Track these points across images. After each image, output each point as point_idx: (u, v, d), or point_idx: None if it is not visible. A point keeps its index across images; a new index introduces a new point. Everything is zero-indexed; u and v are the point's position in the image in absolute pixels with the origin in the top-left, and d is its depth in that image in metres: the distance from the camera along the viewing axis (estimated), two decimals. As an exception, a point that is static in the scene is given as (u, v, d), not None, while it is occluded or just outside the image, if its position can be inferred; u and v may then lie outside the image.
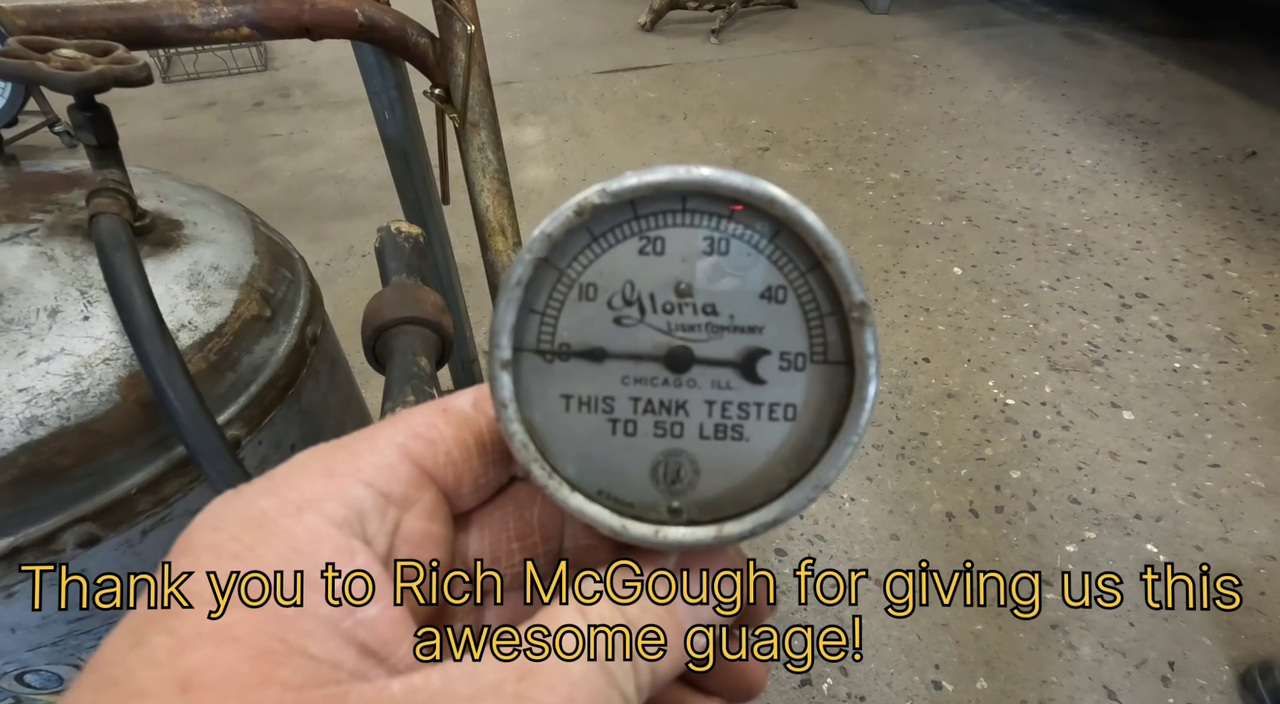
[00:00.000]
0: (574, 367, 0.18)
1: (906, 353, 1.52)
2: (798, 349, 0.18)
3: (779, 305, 0.18)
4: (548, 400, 0.18)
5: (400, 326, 0.39)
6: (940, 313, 1.62)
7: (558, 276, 0.18)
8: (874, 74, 2.75)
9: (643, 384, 0.18)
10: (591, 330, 0.18)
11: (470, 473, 0.19)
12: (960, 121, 2.38)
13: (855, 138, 2.31)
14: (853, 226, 1.90)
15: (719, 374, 0.18)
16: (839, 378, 0.18)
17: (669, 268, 0.18)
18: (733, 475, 0.18)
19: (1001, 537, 1.17)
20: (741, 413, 0.18)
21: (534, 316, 0.18)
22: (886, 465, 1.29)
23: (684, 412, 0.18)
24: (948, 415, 1.38)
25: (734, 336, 0.18)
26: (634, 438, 0.18)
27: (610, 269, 0.18)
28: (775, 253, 0.18)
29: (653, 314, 0.18)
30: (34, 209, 0.38)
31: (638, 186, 0.17)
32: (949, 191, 2.03)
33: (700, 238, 0.18)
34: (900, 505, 1.23)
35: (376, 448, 0.18)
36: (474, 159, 0.51)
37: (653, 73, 2.74)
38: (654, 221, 0.18)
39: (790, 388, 0.18)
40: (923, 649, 1.03)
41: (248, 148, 2.27)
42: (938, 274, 1.73)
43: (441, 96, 0.52)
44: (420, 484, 0.18)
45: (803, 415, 0.18)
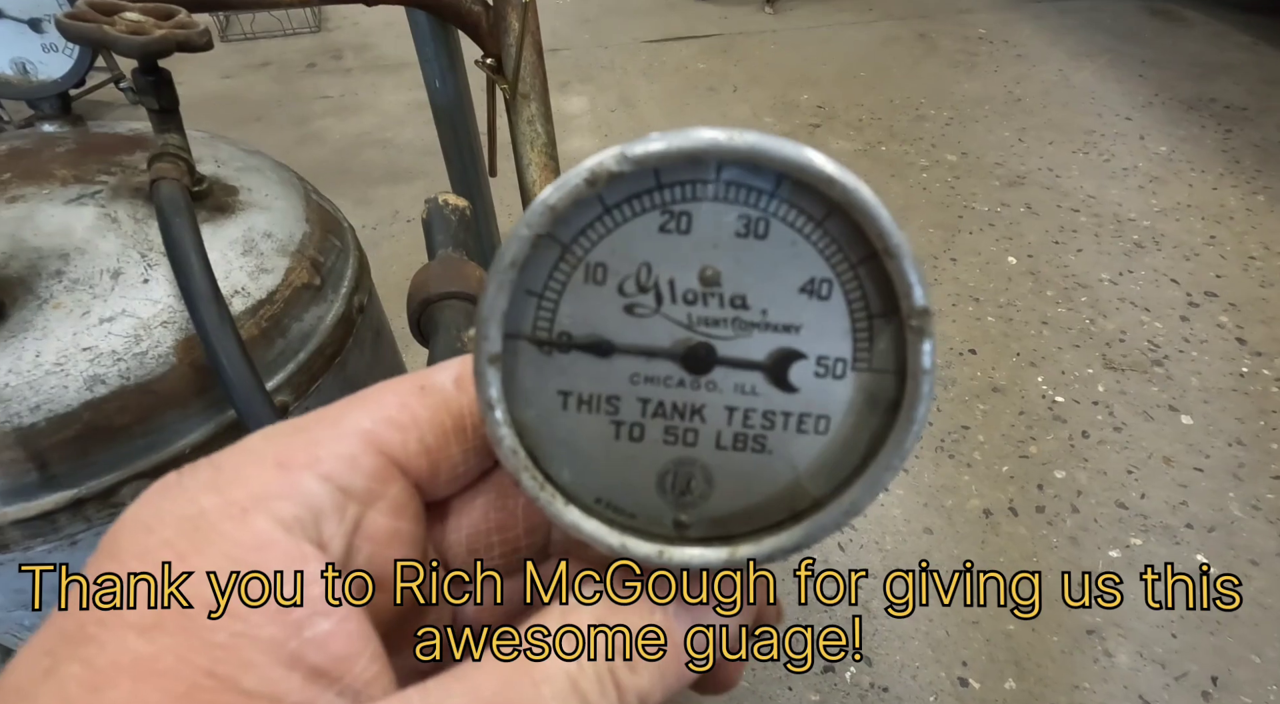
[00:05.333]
0: (575, 360, 0.16)
1: (952, 343, 1.47)
2: (839, 354, 0.16)
3: (821, 302, 0.15)
4: (543, 396, 0.16)
5: (445, 301, 0.39)
6: (991, 303, 1.56)
7: (561, 253, 0.15)
8: (935, 49, 2.62)
9: (654, 384, 0.16)
10: (598, 319, 0.15)
11: (447, 461, 0.17)
12: (1025, 102, 2.26)
13: (911, 116, 2.22)
14: (904, 210, 1.84)
15: (744, 377, 0.16)
16: (884, 390, 0.16)
17: (694, 250, 0.15)
18: (750, 491, 0.16)
19: (1041, 537, 1.13)
20: (766, 422, 0.16)
21: (530, 299, 0.15)
22: (924, 458, 1.26)
23: (700, 418, 0.16)
24: (992, 410, 1.33)
25: (765, 335, 0.16)
26: (640, 444, 0.16)
27: (624, 248, 0.15)
28: (823, 239, 0.15)
29: (671, 304, 0.15)
30: (99, 170, 0.38)
31: (665, 153, 0.14)
32: (1008, 176, 1.94)
33: (734, 216, 0.15)
34: (936, 499, 1.20)
35: (340, 435, 0.16)
36: (523, 131, 0.50)
37: (703, 43, 2.67)
38: (680, 193, 0.15)
39: (826, 397, 0.16)
40: (950, 645, 1.02)
41: (300, 109, 2.30)
42: (990, 263, 1.66)
43: (493, 66, 0.51)
44: (387, 476, 0.16)
45: (837, 430, 0.16)
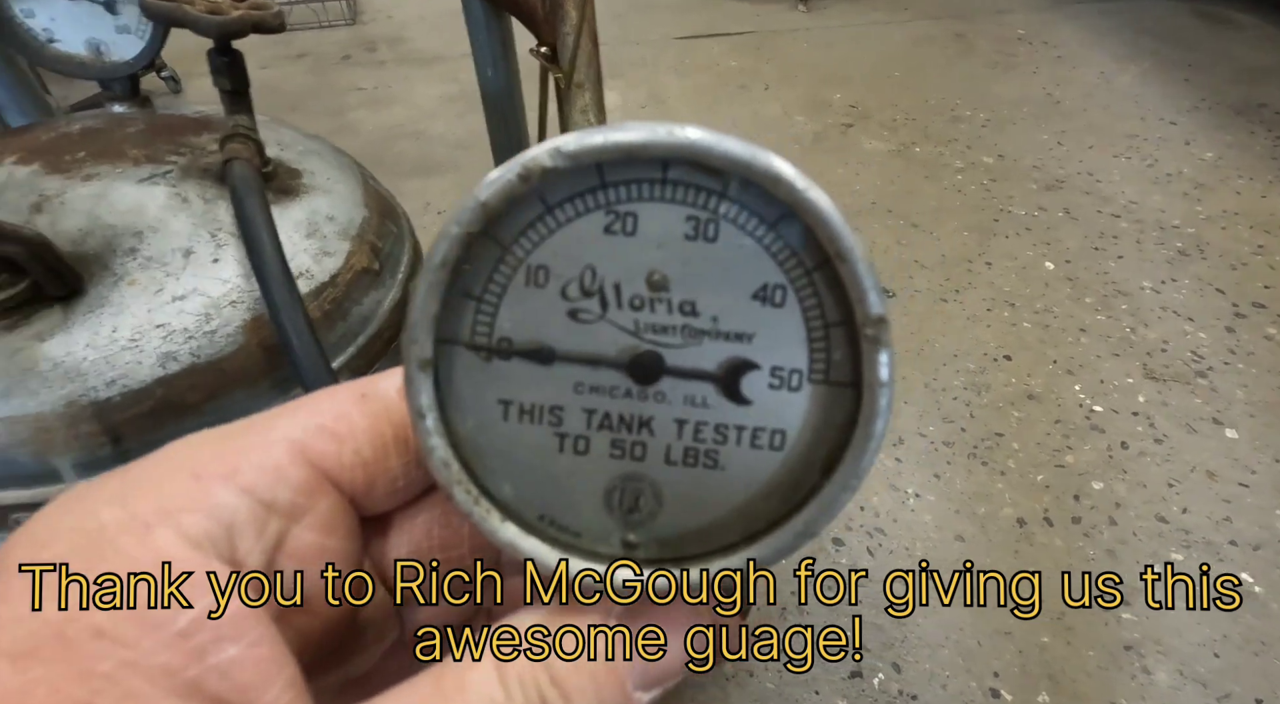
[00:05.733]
0: (516, 367, 0.15)
1: (986, 348, 1.44)
2: (794, 365, 0.15)
3: (775, 309, 0.14)
4: (482, 406, 0.15)
5: None
6: (1027, 309, 1.53)
7: (500, 254, 0.14)
8: (972, 49, 2.57)
9: (600, 394, 0.15)
10: (540, 324, 0.15)
11: (385, 474, 0.16)
12: (1065, 104, 2.21)
13: (947, 117, 2.18)
14: (937, 212, 1.81)
15: (694, 388, 0.15)
16: (841, 404, 0.15)
17: (641, 253, 0.14)
18: (702, 509, 0.15)
19: (1077, 549, 1.11)
20: (718, 436, 0.15)
21: (469, 303, 0.14)
22: (956, 464, 1.24)
23: (648, 430, 0.15)
24: (1027, 417, 1.31)
25: (716, 344, 0.15)
26: (585, 457, 0.15)
27: (567, 249, 0.14)
28: (776, 243, 0.14)
29: (617, 309, 0.14)
30: (168, 151, 0.39)
31: (603, 147, 0.13)
32: (1046, 180, 1.90)
33: (682, 217, 0.14)
34: (968, 506, 1.18)
35: (266, 444, 0.15)
36: (576, 121, 0.50)
37: (734, 40, 2.65)
38: (625, 193, 0.14)
39: (781, 411, 0.15)
40: (982, 655, 1.00)
41: (334, 100, 2.33)
42: (1027, 268, 1.63)
43: (547, 55, 0.51)
44: (316, 489, 0.15)
45: (793, 445, 0.15)
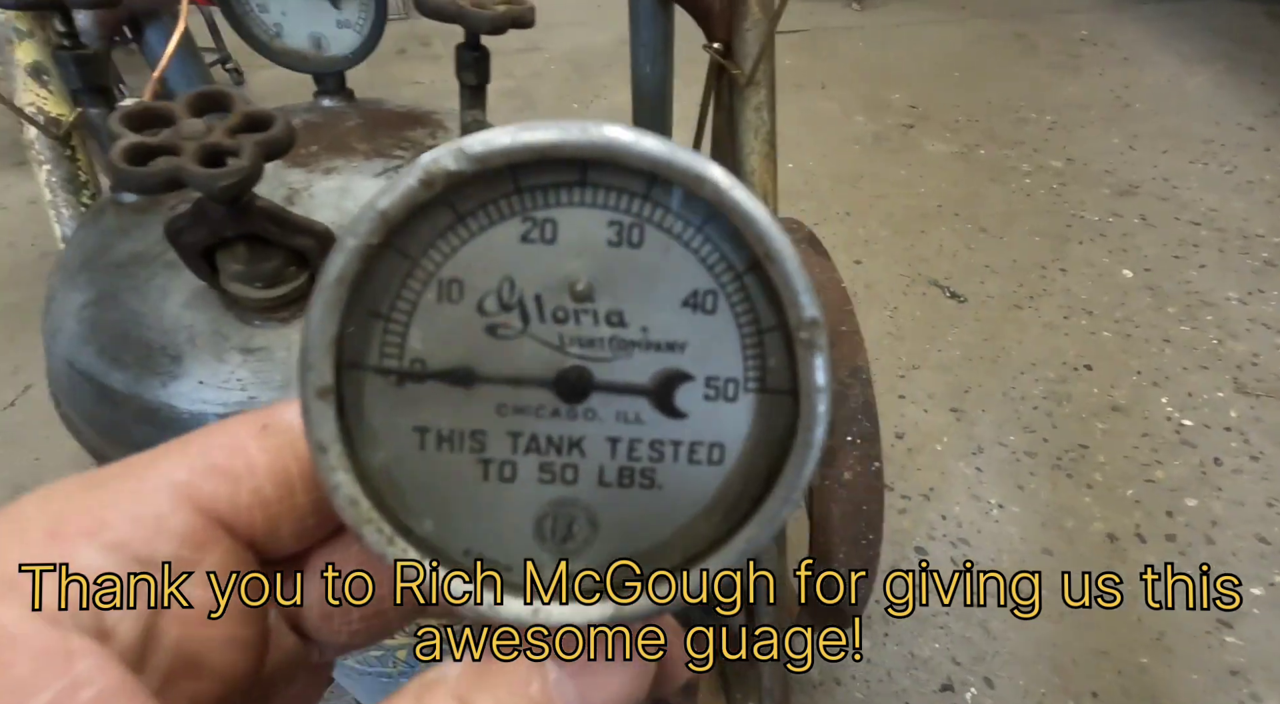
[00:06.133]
0: (432, 391, 0.13)
1: (1065, 357, 1.41)
2: (729, 374, 0.14)
3: (707, 316, 0.14)
4: (396, 435, 0.14)
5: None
6: (1106, 318, 1.49)
7: (408, 268, 0.13)
8: (1033, 49, 2.52)
9: (525, 415, 0.14)
10: (456, 343, 0.13)
11: (292, 513, 0.14)
12: (1135, 108, 2.15)
13: (1011, 119, 2.14)
14: (1006, 216, 1.77)
15: (626, 404, 0.14)
16: (780, 412, 0.14)
17: (562, 261, 0.13)
18: (640, 532, 0.14)
19: (1175, 568, 1.08)
20: (654, 453, 0.14)
21: (376, 322, 0.13)
22: (1040, 475, 1.21)
23: (579, 452, 0.14)
24: (1112, 430, 1.27)
25: (647, 355, 0.14)
26: (513, 484, 0.14)
27: (482, 260, 0.13)
28: (704, 247, 0.13)
29: (539, 323, 0.13)
30: (392, 145, 0.38)
31: (511, 148, 0.12)
32: (1119, 185, 1.85)
33: (604, 223, 0.13)
34: (1055, 519, 1.15)
35: (141, 490, 0.13)
36: (748, 119, 0.49)
37: (788, 38, 2.62)
38: (542, 198, 0.13)
39: (718, 423, 0.14)
40: (1079, 674, 0.97)
41: (391, 94, 2.33)
42: (1104, 275, 1.59)
43: (720, 50, 0.50)
44: (206, 539, 0.13)
45: (732, 459, 0.14)
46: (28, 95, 0.42)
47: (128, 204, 0.35)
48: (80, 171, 0.44)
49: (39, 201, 1.63)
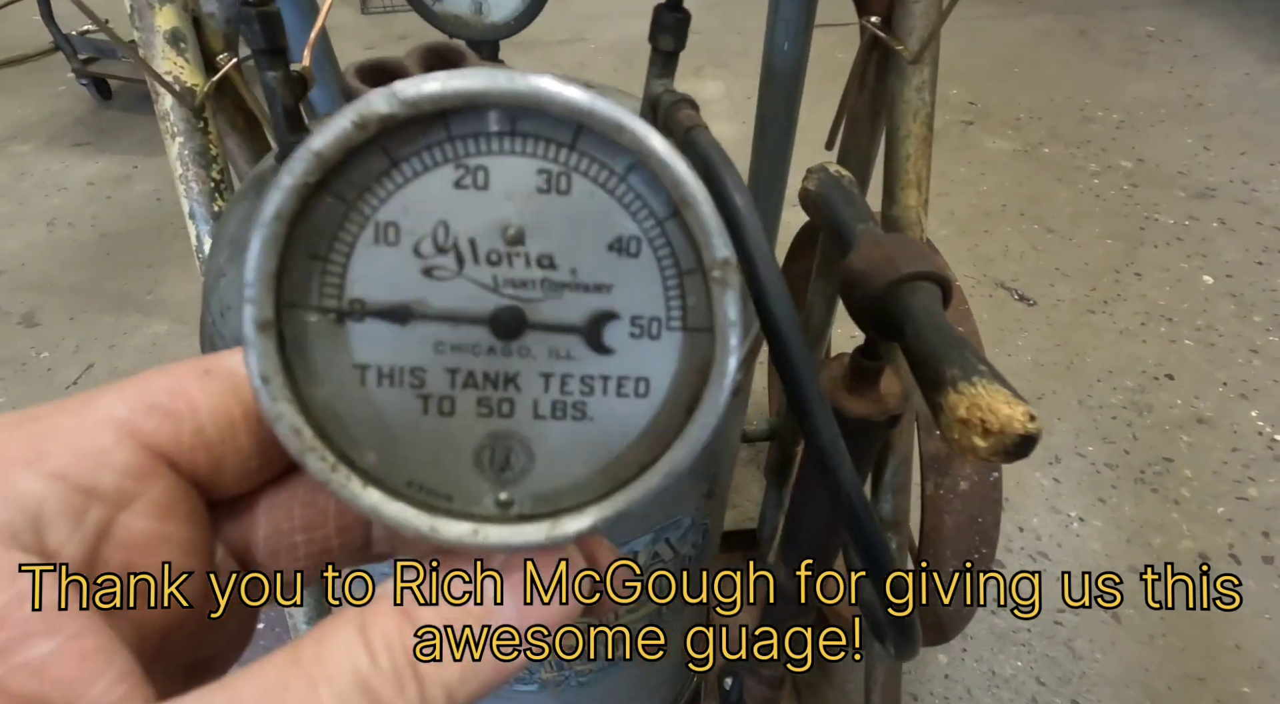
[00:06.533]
0: (372, 329, 0.14)
1: (1144, 366, 1.35)
2: (652, 313, 0.15)
3: (631, 259, 0.15)
4: (338, 373, 0.14)
5: (916, 282, 0.34)
6: (1186, 325, 1.42)
7: (345, 211, 0.14)
8: (1097, 46, 2.43)
9: (462, 352, 0.15)
10: (393, 283, 0.14)
11: (236, 453, 0.15)
12: (1208, 107, 2.07)
13: (1076, 117, 2.06)
14: (1074, 217, 1.71)
15: (558, 341, 0.15)
16: (700, 348, 0.15)
17: (494, 207, 0.14)
18: (574, 462, 0.15)
19: (1274, 592, 1.02)
20: (585, 387, 0.15)
21: (315, 263, 0.14)
22: (1122, 488, 1.16)
23: (514, 386, 0.15)
24: (1198, 443, 1.21)
25: (576, 296, 0.15)
26: (452, 418, 0.15)
27: (417, 204, 0.14)
28: (628, 195, 0.14)
29: (474, 265, 0.14)
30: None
31: (441, 94, 0.13)
32: (1195, 187, 1.77)
33: (534, 170, 0.14)
34: (1140, 536, 1.10)
35: (83, 424, 0.13)
36: (908, 99, 0.45)
37: (841, 31, 2.55)
38: (474, 145, 0.14)
39: (643, 358, 0.15)
40: (1174, 701, 0.92)
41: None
42: (1182, 280, 1.52)
43: (877, 24, 0.46)
44: (149, 472, 0.14)
45: (657, 391, 0.15)
46: (165, 63, 0.40)
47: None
48: (211, 145, 0.42)
49: (97, 182, 1.65)
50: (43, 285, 1.58)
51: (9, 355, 1.44)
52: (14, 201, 1.81)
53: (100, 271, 1.61)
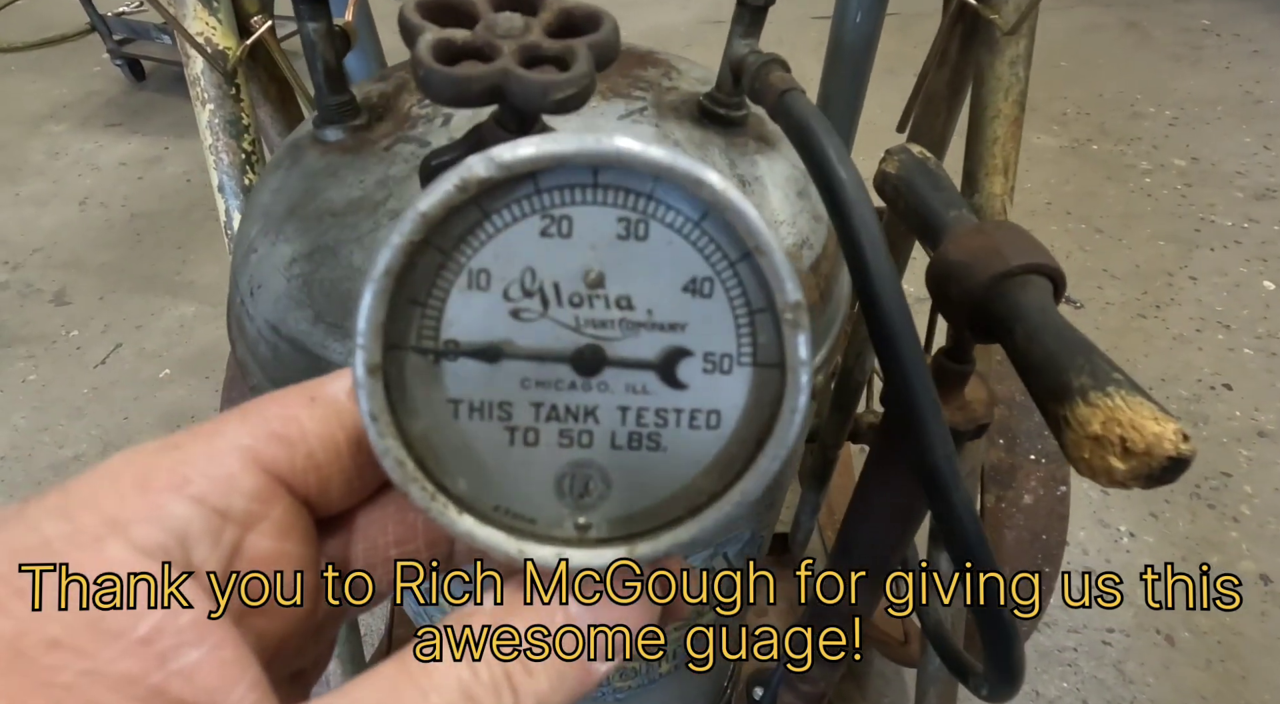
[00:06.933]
0: (464, 368, 0.16)
1: (1199, 374, 1.28)
2: (724, 350, 0.16)
3: (704, 300, 0.16)
4: (434, 407, 0.16)
5: (1025, 275, 0.30)
6: (1245, 333, 1.35)
7: (442, 261, 0.15)
8: (1148, 39, 2.33)
9: (546, 388, 0.16)
10: (485, 325, 0.15)
11: (340, 474, 0.16)
12: (1269, 104, 1.97)
13: (1126, 113, 1.98)
14: (1124, 218, 1.63)
15: (634, 377, 0.16)
16: (770, 383, 0.16)
17: (577, 253, 0.15)
18: (648, 489, 0.16)
19: (1343, 618, 0.96)
20: (659, 420, 0.16)
21: (414, 308, 0.15)
22: (1176, 503, 1.10)
23: (593, 419, 0.16)
24: (1259, 458, 1.15)
25: (652, 334, 0.16)
26: (536, 448, 0.16)
27: (507, 253, 0.15)
28: (701, 239, 0.15)
29: (557, 307, 0.15)
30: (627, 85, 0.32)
31: (536, 158, 0.14)
32: (1255, 188, 1.68)
33: (614, 219, 0.15)
34: (1196, 553, 1.04)
35: (214, 453, 0.15)
36: (999, 75, 0.41)
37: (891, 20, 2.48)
38: (559, 197, 0.15)
39: (714, 393, 0.16)
40: (1232, 729, 0.87)
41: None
42: (1240, 285, 1.45)
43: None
44: (270, 496, 0.15)
45: (727, 423, 0.16)
46: (197, 23, 0.38)
47: (333, 142, 0.29)
48: (243, 114, 0.40)
49: (129, 163, 1.65)
50: (74, 264, 1.59)
51: (40, 333, 1.45)
52: (48, 180, 1.82)
53: (130, 252, 1.61)
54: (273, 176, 0.31)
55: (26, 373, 1.38)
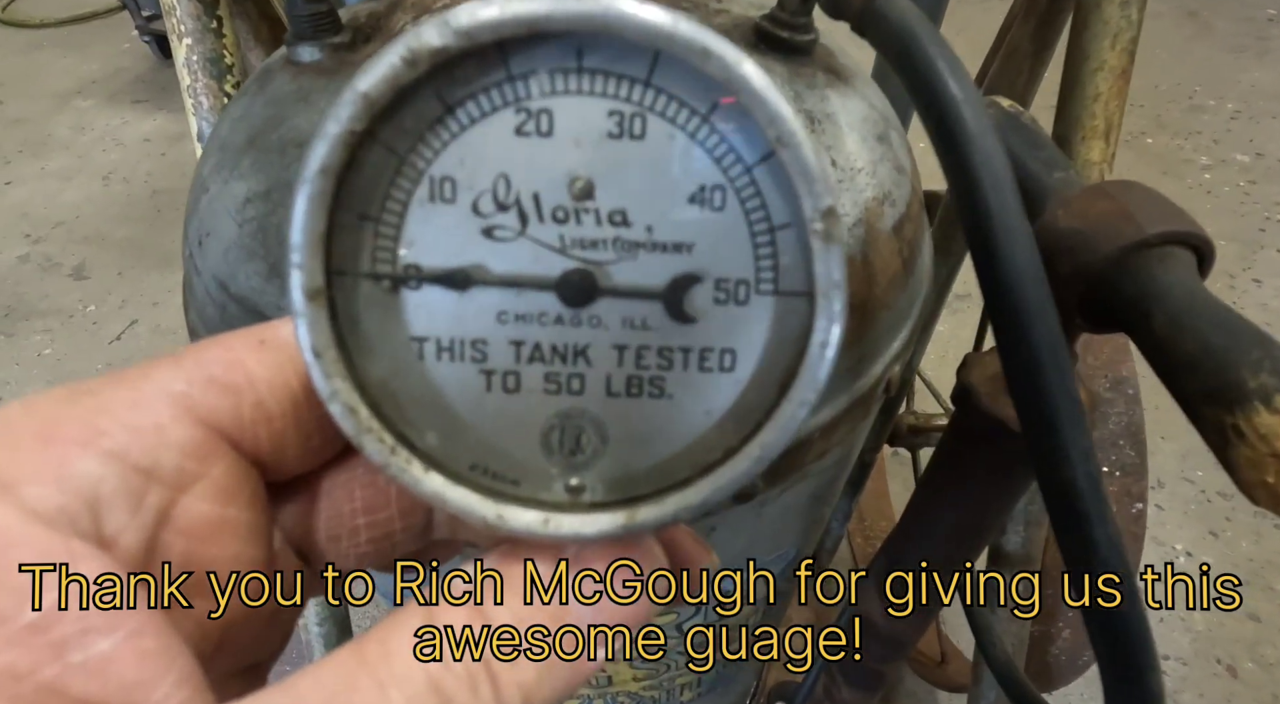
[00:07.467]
0: (428, 298, 0.13)
1: (1265, 384, 1.19)
2: (739, 275, 0.13)
3: (715, 213, 0.13)
4: (394, 346, 0.13)
5: (1164, 247, 0.24)
6: (1316, 341, 1.25)
7: (397, 165, 0.12)
8: (1208, 29, 2.21)
9: (527, 322, 0.13)
10: (451, 246, 0.13)
11: (296, 429, 0.14)
12: (1341, 99, 1.84)
13: (1184, 106, 1.87)
14: (1182, 215, 1.53)
15: (633, 308, 0.13)
16: (795, 315, 0.13)
17: (560, 155, 0.13)
18: (650, 443, 0.14)
19: None
20: (663, 361, 0.14)
21: (366, 225, 0.13)
22: (1238, 522, 1.02)
23: (585, 360, 0.13)
24: (1331, 476, 1.06)
25: (653, 257, 0.13)
26: (517, 395, 0.14)
27: (475, 156, 0.12)
28: (710, 137, 0.13)
29: (538, 224, 0.13)
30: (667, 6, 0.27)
31: (500, 21, 0.11)
32: (1326, 187, 1.57)
33: (604, 112, 0.12)
34: (1260, 577, 0.96)
35: (138, 399, 0.12)
36: (1107, 18, 0.34)
37: None
38: (537, 85, 0.12)
39: (728, 327, 0.13)
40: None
41: None
42: (1310, 290, 1.35)
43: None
44: (210, 452, 0.13)
45: (744, 364, 0.13)
46: (171, -58, 0.33)
47: (307, 63, 0.24)
48: (226, 52, 0.35)
49: (153, 139, 1.63)
50: (94, 238, 1.58)
51: (58, 307, 1.44)
52: (74, 155, 1.82)
53: (150, 228, 1.60)
54: (236, 105, 0.26)
55: (43, 347, 1.37)
